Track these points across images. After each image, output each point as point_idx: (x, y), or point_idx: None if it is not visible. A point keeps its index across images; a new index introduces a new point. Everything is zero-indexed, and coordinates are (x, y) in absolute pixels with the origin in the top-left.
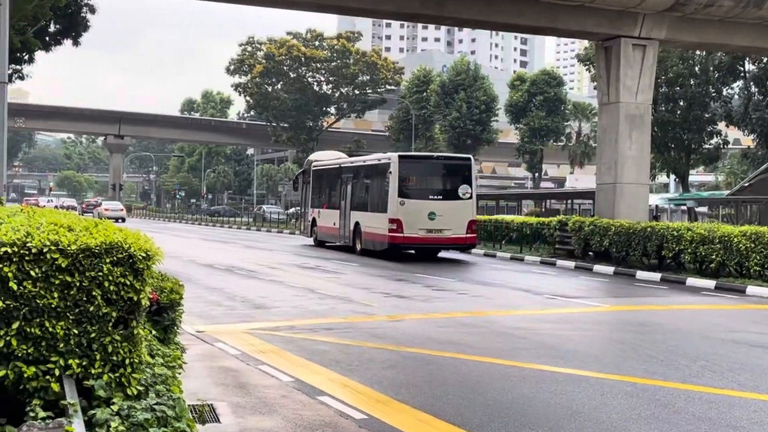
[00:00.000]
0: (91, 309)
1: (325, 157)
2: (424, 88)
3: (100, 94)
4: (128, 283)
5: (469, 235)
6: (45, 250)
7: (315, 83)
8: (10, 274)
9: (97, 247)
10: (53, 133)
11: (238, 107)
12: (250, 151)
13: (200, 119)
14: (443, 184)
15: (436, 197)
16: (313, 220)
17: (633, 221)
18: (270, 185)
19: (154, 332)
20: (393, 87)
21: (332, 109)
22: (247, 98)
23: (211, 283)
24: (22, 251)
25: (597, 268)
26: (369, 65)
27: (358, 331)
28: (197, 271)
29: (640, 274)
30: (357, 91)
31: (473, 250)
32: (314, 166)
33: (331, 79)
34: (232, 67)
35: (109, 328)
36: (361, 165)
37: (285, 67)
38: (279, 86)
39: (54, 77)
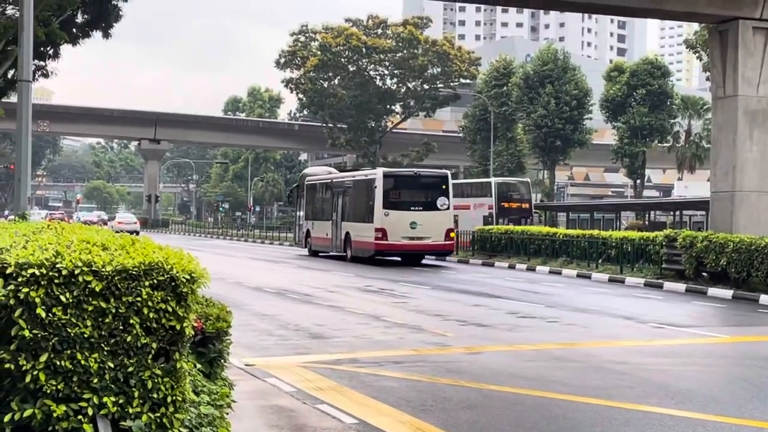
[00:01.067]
0: (129, 339)
1: (319, 172)
2: (505, 82)
3: (134, 94)
4: (170, 309)
5: (447, 242)
6: (77, 272)
7: (378, 77)
8: (38, 300)
9: (135, 269)
10: (81, 138)
11: (289, 106)
12: (303, 156)
13: (246, 120)
14: (423, 196)
15: (417, 208)
16: (308, 231)
17: (755, 236)
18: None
19: (198, 366)
20: (468, 80)
21: (397, 107)
22: (300, 96)
23: (260, 308)
24: (51, 273)
25: (712, 291)
26: (440, 55)
27: (430, 365)
28: (245, 295)
29: (765, 299)
30: (426, 86)
31: (560, 271)
32: (308, 181)
33: (396, 72)
34: (282, 61)
35: (149, 361)
36: (350, 180)
37: (343, 60)
38: (336, 81)
39: (82, 74)
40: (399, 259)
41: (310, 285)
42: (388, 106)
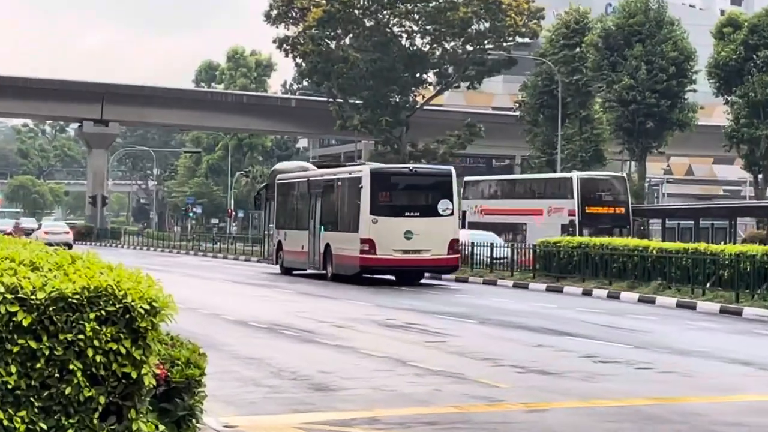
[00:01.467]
0: (68, 391)
1: (294, 168)
2: (577, 41)
3: (73, 60)
4: (123, 350)
5: (451, 256)
6: None
7: (404, 35)
8: None
9: (77, 296)
10: (1, 118)
11: (283, 75)
12: (303, 142)
13: (225, 94)
14: (421, 199)
15: (413, 214)
16: (279, 243)
17: None
18: None
19: (162, 427)
20: (527, 40)
21: (431, 76)
22: (298, 60)
23: (245, 350)
24: None
25: None
26: (489, 6)
27: (477, 427)
28: (225, 332)
29: None
30: (470, 47)
31: (653, 299)
32: (279, 180)
33: (428, 28)
34: (274, 13)
35: (95, 422)
36: (331, 179)
37: (357, 11)
38: (347, 41)
39: (4, 34)
40: (393, 277)
41: (313, 317)
42: (417, 75)
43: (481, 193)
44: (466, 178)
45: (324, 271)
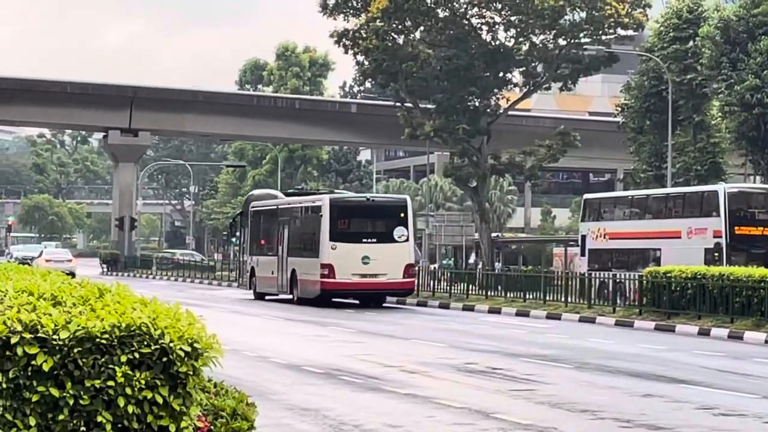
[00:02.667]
0: None
1: (265, 197)
2: (690, 34)
3: (96, 59)
4: (160, 400)
5: (406, 280)
6: (14, 340)
7: (484, 27)
8: None
9: (106, 335)
10: (14, 127)
11: (342, 75)
12: (365, 154)
13: (275, 98)
14: (377, 226)
15: (370, 240)
16: (252, 269)
17: None
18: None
19: None
20: (631, 32)
21: (516, 75)
22: (359, 57)
23: (299, 399)
24: None
25: None
26: None
27: None
28: (275, 378)
29: None
30: (563, 41)
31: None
32: (252, 208)
33: (513, 19)
34: (331, 2)
35: None
36: (296, 207)
37: (428, 0)
38: (417, 35)
39: (16, 30)
40: (357, 301)
41: (378, 360)
42: (501, 74)
43: (605, 213)
44: (586, 196)
45: (291, 296)
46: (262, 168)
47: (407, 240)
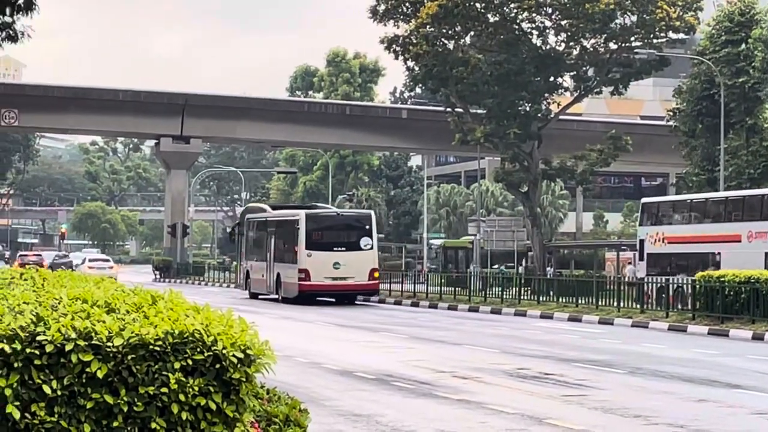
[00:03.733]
0: None
1: (257, 209)
2: (743, 36)
3: (149, 67)
4: (213, 407)
5: (371, 282)
6: (68, 347)
7: (534, 32)
8: (8, 392)
9: (159, 342)
10: (66, 136)
11: (392, 81)
12: (416, 160)
13: (325, 104)
14: (346, 237)
15: (340, 249)
16: (247, 272)
17: None
18: (453, 221)
19: None
20: (682, 35)
21: (567, 80)
22: (410, 63)
23: (351, 405)
24: (28, 350)
25: None
26: None
27: None
28: (327, 384)
29: None
30: (613, 45)
31: None
32: (248, 218)
33: (564, 23)
34: (381, 8)
35: None
36: (279, 220)
37: (478, 5)
38: (467, 40)
39: (67, 38)
40: (333, 299)
41: (430, 366)
42: (551, 79)
43: (664, 217)
44: (644, 200)
45: (276, 296)
46: (313, 174)
47: (372, 248)
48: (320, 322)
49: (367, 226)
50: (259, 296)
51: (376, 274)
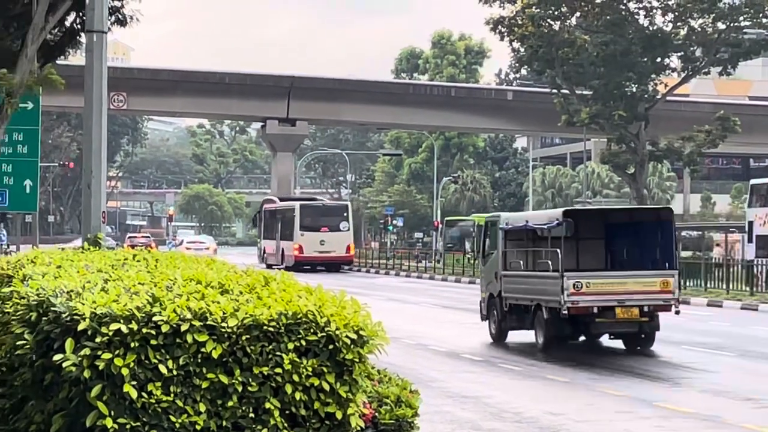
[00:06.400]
0: None
1: (271, 200)
2: None
3: (255, 51)
4: (327, 387)
5: (347, 255)
6: (184, 327)
7: (641, 12)
8: (125, 371)
9: (273, 323)
10: (173, 118)
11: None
12: (521, 141)
13: (430, 86)
14: (329, 221)
15: (324, 230)
16: (263, 248)
17: None
18: (558, 203)
19: None
20: None
21: (674, 60)
22: (515, 44)
23: (459, 386)
24: (145, 330)
25: None
26: None
27: None
28: (434, 365)
29: None
30: (721, 25)
31: None
32: (264, 208)
33: (671, 3)
34: None
35: None
36: (283, 209)
37: None
38: (573, 21)
39: (174, 22)
40: (324, 268)
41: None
42: (658, 60)
43: None
44: (753, 182)
45: (282, 265)
46: (418, 156)
47: (348, 230)
48: (425, 304)
49: (345, 213)
50: (273, 266)
51: (351, 249)
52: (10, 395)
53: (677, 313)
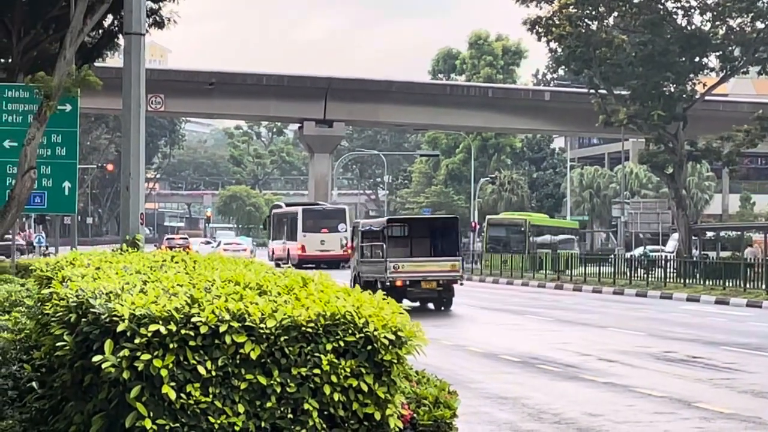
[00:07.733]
0: None
1: (279, 205)
2: None
3: (292, 52)
4: (365, 388)
5: (343, 253)
6: (222, 329)
7: (679, 12)
8: (164, 372)
9: (311, 324)
10: (211, 120)
11: (535, 64)
12: (559, 142)
13: (467, 87)
14: (328, 223)
15: (324, 231)
16: (273, 249)
17: None
18: (596, 203)
19: None
20: None
21: (712, 60)
22: (552, 44)
23: (497, 387)
24: (183, 332)
25: None
26: None
27: None
28: (472, 366)
29: None
30: (760, 24)
31: None
32: (273, 212)
33: (709, 2)
34: None
35: None
36: (289, 213)
37: None
38: (611, 20)
39: (211, 24)
40: (325, 265)
41: (575, 349)
42: (697, 59)
43: None
44: None
45: (288, 263)
46: (456, 157)
47: (345, 231)
48: (462, 305)
49: (343, 216)
50: (280, 264)
51: (347, 248)
52: (49, 396)
53: (461, 284)
